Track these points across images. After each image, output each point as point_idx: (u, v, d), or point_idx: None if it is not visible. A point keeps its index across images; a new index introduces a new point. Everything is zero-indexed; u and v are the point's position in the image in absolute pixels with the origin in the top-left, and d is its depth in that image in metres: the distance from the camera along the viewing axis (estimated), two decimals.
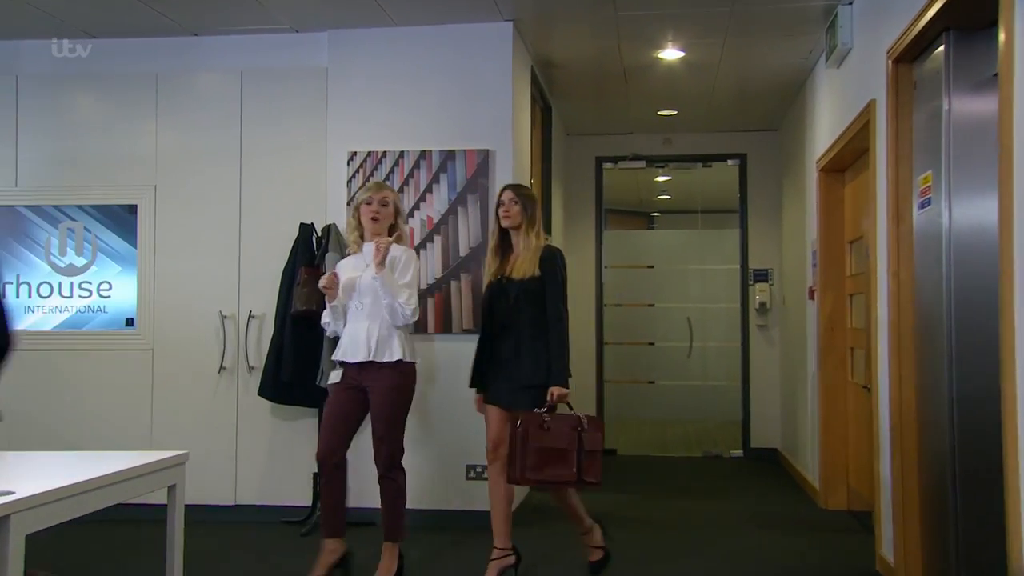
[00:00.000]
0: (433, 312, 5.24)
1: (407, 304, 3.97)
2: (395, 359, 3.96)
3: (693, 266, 9.56)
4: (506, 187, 4.26)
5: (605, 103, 7.24)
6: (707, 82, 6.55)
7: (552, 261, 4.09)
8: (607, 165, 8.39)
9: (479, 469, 5.17)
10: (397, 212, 4.17)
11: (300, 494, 5.22)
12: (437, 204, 5.27)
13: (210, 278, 5.32)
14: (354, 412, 4.04)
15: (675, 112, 7.47)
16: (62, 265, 5.37)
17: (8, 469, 2.30)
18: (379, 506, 4.14)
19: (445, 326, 5.22)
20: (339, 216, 5.26)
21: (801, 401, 6.66)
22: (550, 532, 5.14)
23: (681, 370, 9.46)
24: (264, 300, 5.22)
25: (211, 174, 5.38)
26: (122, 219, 5.37)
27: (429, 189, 5.28)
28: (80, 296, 5.36)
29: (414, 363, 4.09)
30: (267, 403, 5.16)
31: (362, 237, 4.11)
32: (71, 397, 5.30)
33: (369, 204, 4.09)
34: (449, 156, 5.26)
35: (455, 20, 5.23)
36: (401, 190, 5.28)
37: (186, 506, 5.07)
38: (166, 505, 2.37)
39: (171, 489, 2.43)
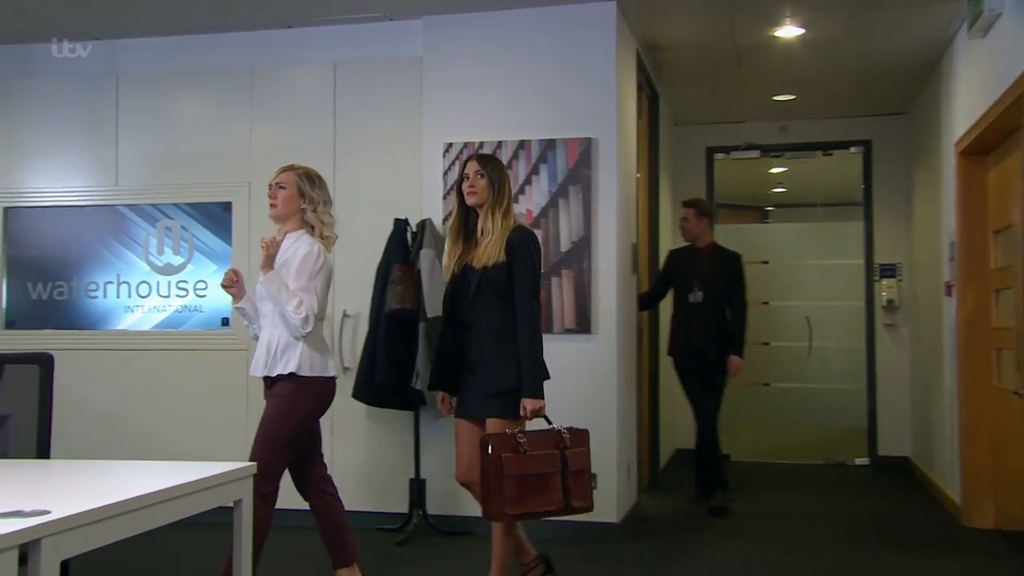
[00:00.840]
0: None
1: (295, 313, 3.37)
2: (288, 371, 3.42)
3: (811, 261, 9.03)
4: (471, 157, 3.70)
5: (716, 89, 6.83)
6: (829, 62, 6.07)
7: (523, 245, 3.49)
8: (718, 156, 7.95)
9: None
10: (303, 196, 3.56)
11: (397, 501, 5.03)
12: (537, 196, 4.99)
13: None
14: None
15: (792, 97, 6.99)
16: (160, 264, 5.33)
17: (53, 481, 2.12)
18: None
19: (546, 325, 4.91)
20: (435, 211, 5.04)
21: (936, 406, 6.10)
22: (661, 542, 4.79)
23: (799, 372, 8.95)
24: (358, 299, 5.04)
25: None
26: (217, 217, 5.29)
27: (528, 181, 5.00)
28: (177, 295, 5.30)
29: (320, 377, 3.49)
30: (362, 405, 4.98)
31: None
32: (168, 398, 5.24)
33: (270, 188, 3.60)
34: (549, 145, 4.97)
35: (555, 2, 4.94)
36: None
37: (282, 510, 4.94)
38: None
39: (237, 504, 2.21)
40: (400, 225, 4.93)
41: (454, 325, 3.61)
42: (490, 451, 3.25)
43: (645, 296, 5.98)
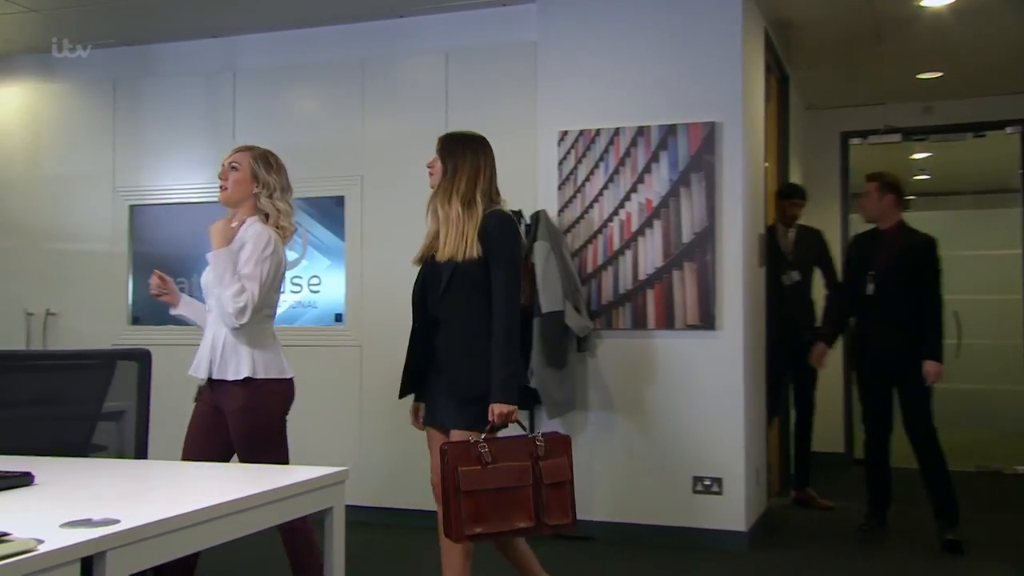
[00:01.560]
0: (653, 306, 4.69)
1: (233, 299, 2.97)
2: (241, 377, 3.02)
3: (960, 252, 8.36)
4: (442, 135, 3.30)
5: (853, 69, 6.37)
6: (982, 34, 5.55)
7: (499, 230, 3.03)
8: (854, 141, 7.44)
9: (707, 482, 4.59)
10: (256, 180, 3.19)
11: None
12: (657, 185, 4.72)
13: (416, 271, 5.05)
14: (217, 431, 3.09)
15: (939, 74, 6.46)
16: None
17: (136, 485, 2.03)
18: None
19: (667, 321, 4.67)
20: (549, 202, 4.85)
21: None
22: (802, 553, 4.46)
23: (947, 371, 8.32)
24: None
25: (417, 162, 5.07)
26: (330, 211, 5.25)
27: (648, 169, 4.74)
28: (292, 291, 5.29)
29: (278, 379, 3.11)
30: None
31: None
32: None
33: (222, 168, 3.24)
34: (670, 131, 4.69)
35: None
36: (616, 171, 4.78)
37: (388, 509, 4.84)
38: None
39: (328, 513, 2.06)
40: (514, 217, 4.74)
41: (422, 322, 3.16)
42: (444, 461, 2.82)
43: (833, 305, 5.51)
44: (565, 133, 4.87)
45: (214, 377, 3.04)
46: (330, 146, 5.27)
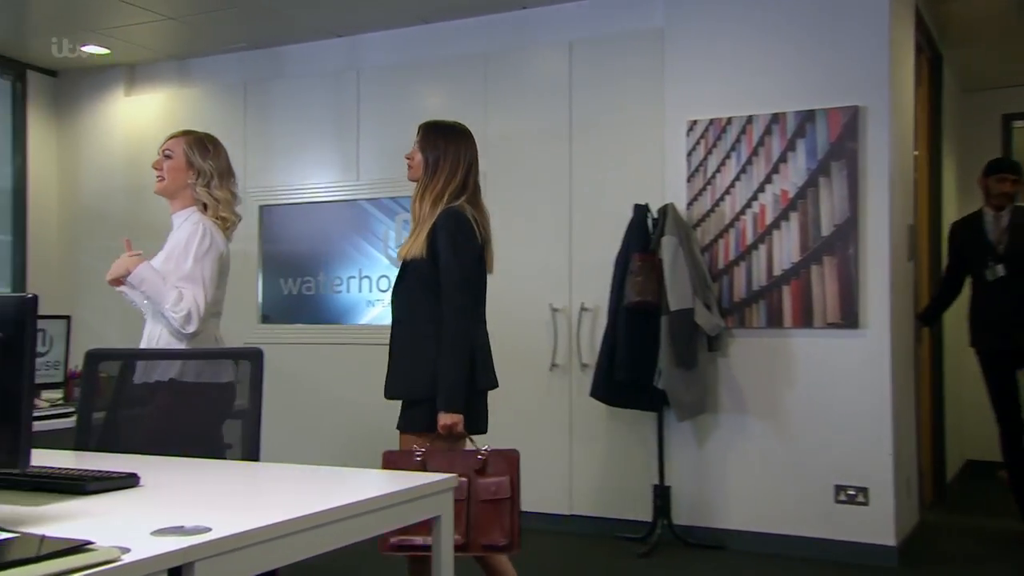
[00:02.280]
0: (790, 303, 4.42)
1: (173, 310, 2.81)
2: (167, 377, 2.67)
3: None
4: (422, 124, 3.12)
5: (1016, 44, 5.85)
6: None
7: (445, 229, 2.83)
8: (1017, 124, 6.89)
9: (851, 491, 4.29)
10: (190, 168, 3.00)
11: (639, 508, 4.67)
12: (793, 175, 4.44)
13: (540, 268, 4.95)
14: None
15: None
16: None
17: (237, 489, 1.97)
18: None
19: (805, 319, 4.38)
20: (678, 195, 4.64)
21: None
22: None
23: None
24: (597, 291, 4.73)
25: (540, 156, 5.01)
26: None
27: (783, 158, 4.46)
28: None
29: (211, 384, 2.72)
30: (602, 404, 4.66)
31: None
32: None
33: (160, 153, 3.01)
34: (807, 117, 4.40)
35: None
36: (749, 161, 4.52)
37: (522, 512, 4.74)
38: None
39: (435, 522, 1.95)
40: (640, 211, 4.56)
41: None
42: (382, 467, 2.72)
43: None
44: (694, 123, 4.65)
45: (136, 381, 2.64)
46: None
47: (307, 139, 5.60)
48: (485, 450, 2.76)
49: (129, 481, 1.87)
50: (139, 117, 6.06)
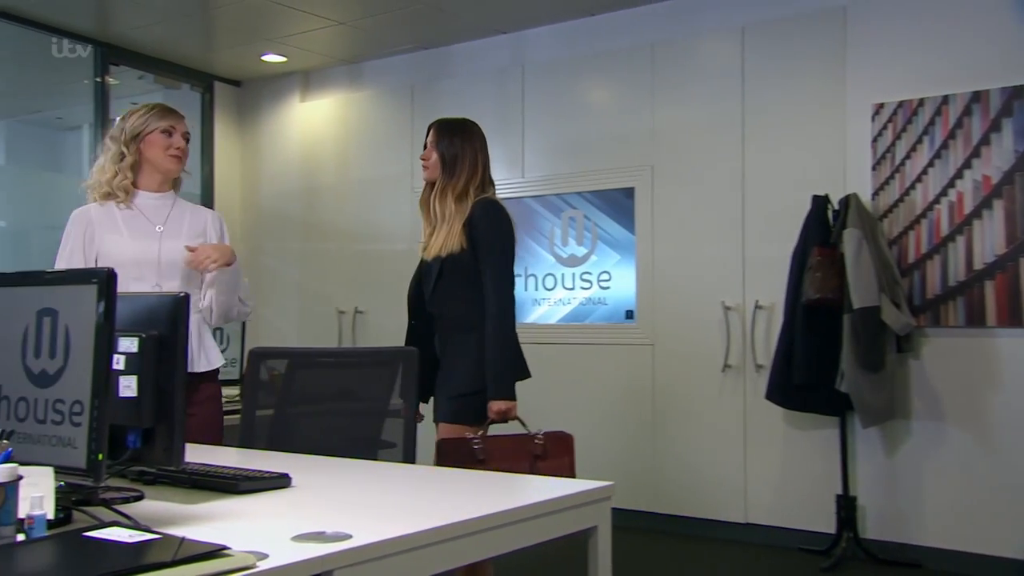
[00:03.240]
0: (993, 300, 4.00)
1: (245, 300, 2.84)
2: (214, 366, 2.77)
3: None
4: (433, 123, 3.06)
5: None
6: None
7: (486, 219, 2.87)
8: None
9: None
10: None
11: (821, 519, 4.37)
12: (996, 159, 4.02)
13: (711, 264, 4.72)
14: None
15: None
16: (564, 256, 5.20)
17: (379, 493, 1.90)
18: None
19: (1012, 317, 3.96)
20: (862, 185, 4.31)
21: None
22: None
23: None
24: (772, 288, 4.46)
25: (710, 148, 4.78)
26: (619, 204, 5.03)
27: (986, 140, 4.05)
28: (581, 288, 5.14)
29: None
30: (779, 408, 4.39)
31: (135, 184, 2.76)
32: (574, 394, 5.07)
33: (170, 135, 2.75)
34: (1015, 94, 3.98)
35: None
36: (945, 145, 4.14)
37: (694, 519, 4.57)
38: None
39: (592, 532, 1.83)
40: (819, 203, 4.26)
41: (418, 318, 3.03)
42: (436, 460, 2.72)
43: None
44: (880, 106, 4.30)
45: (194, 369, 2.69)
46: (619, 136, 5.06)
47: None
48: (541, 434, 2.79)
49: (281, 482, 1.85)
50: (313, 122, 6.26)
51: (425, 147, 3.05)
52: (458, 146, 2.99)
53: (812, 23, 4.53)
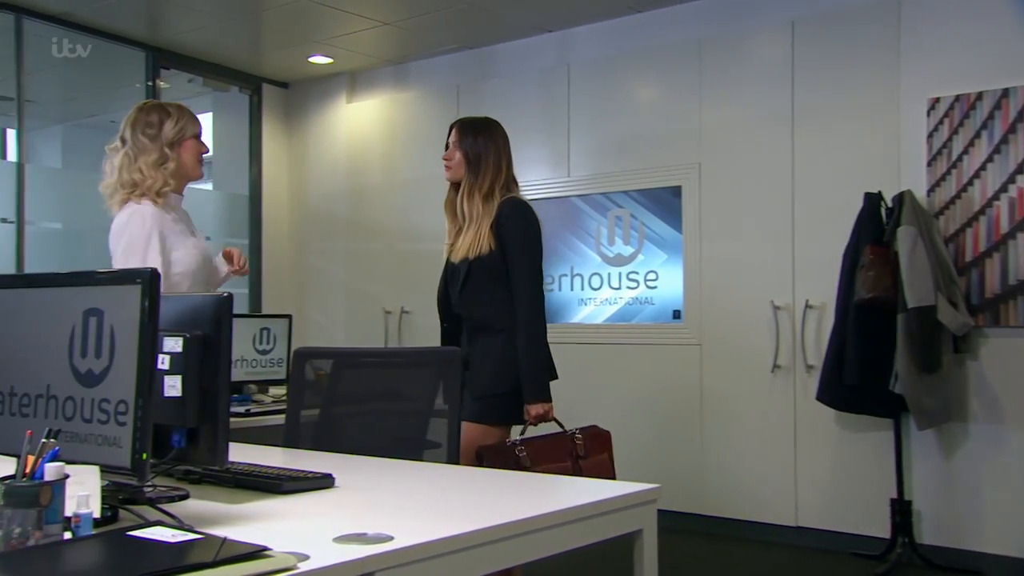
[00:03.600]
0: None
1: None
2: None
3: None
4: (456, 122, 3.03)
5: None
6: None
7: (514, 219, 2.86)
8: None
9: None
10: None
11: (874, 523, 4.28)
12: None
13: (760, 263, 4.64)
14: None
15: None
16: (610, 255, 5.16)
17: (423, 494, 1.89)
18: (997, 551, 2.89)
19: None
20: (917, 181, 4.21)
21: None
22: None
23: None
24: (823, 287, 4.37)
25: (759, 145, 4.71)
26: (666, 203, 4.97)
27: None
28: (628, 287, 5.09)
29: None
30: (830, 409, 4.30)
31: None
32: (620, 394, 5.03)
33: (199, 140, 2.84)
34: None
35: None
36: (1005, 140, 4.03)
37: (742, 521, 4.51)
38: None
39: (637, 536, 1.80)
40: (872, 200, 4.16)
41: (449, 320, 3.02)
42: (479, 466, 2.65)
43: None
44: (936, 100, 4.19)
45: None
46: (666, 134, 5.00)
47: (517, 137, 5.44)
48: (578, 433, 2.79)
49: (325, 482, 1.85)
50: (360, 122, 6.29)
51: (447, 147, 3.02)
52: (482, 145, 2.97)
53: (864, 15, 4.44)
